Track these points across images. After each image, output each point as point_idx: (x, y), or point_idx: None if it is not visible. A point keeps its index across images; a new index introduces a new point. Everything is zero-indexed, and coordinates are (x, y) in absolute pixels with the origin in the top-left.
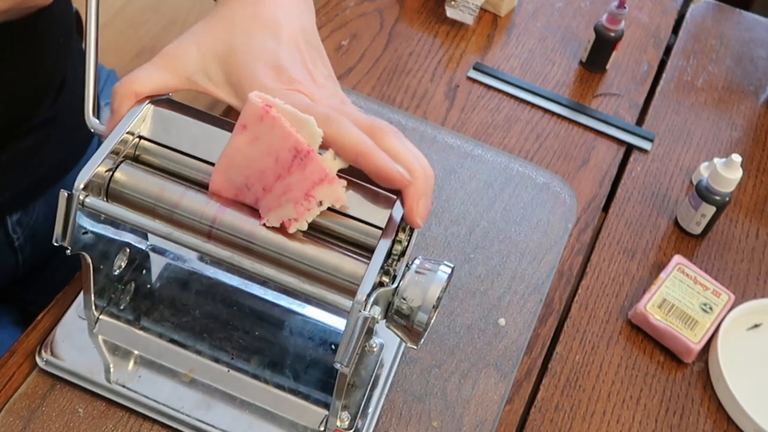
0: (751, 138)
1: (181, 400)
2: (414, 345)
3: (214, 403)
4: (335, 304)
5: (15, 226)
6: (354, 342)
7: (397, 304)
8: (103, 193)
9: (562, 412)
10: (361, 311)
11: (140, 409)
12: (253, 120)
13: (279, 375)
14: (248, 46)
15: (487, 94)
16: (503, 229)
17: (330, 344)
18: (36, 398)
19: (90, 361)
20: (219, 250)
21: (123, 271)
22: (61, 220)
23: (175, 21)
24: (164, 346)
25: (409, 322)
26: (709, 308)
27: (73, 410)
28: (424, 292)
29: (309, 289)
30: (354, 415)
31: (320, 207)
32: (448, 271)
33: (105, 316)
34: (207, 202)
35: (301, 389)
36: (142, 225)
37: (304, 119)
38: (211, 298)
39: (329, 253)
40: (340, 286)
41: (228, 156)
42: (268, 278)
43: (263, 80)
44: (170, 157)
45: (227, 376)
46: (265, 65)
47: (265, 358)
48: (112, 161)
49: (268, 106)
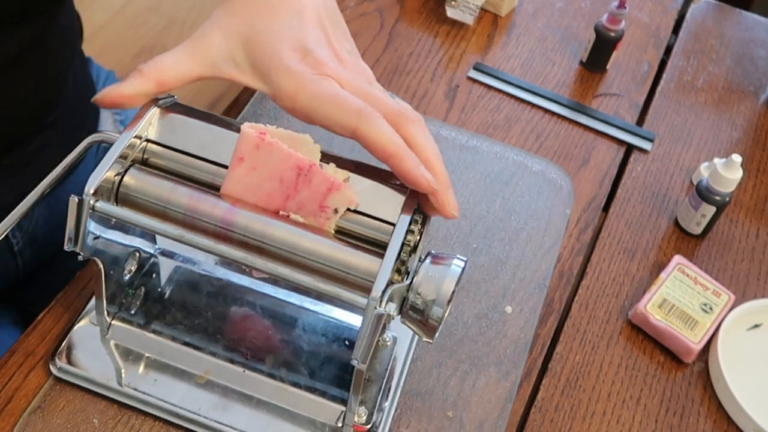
0: (751, 138)
1: (197, 402)
2: (430, 339)
3: (230, 404)
4: (350, 301)
5: (15, 231)
6: (370, 339)
7: (411, 299)
8: (112, 197)
9: (562, 412)
10: (377, 308)
11: (157, 412)
12: (249, 150)
13: (294, 373)
14: (272, 27)
15: (488, 94)
16: (504, 218)
17: (344, 340)
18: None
19: (105, 367)
20: (232, 251)
21: (133, 275)
22: (72, 225)
23: (175, 21)
24: (178, 349)
25: (423, 316)
26: (710, 308)
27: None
28: (439, 286)
29: (324, 287)
30: (371, 410)
31: (337, 214)
32: (461, 264)
33: (117, 321)
34: (217, 203)
35: (317, 386)
36: (153, 228)
37: (300, 138)
38: (223, 299)
39: (342, 250)
40: (355, 284)
41: (228, 189)
42: (283, 278)
43: (289, 63)
44: (178, 160)
45: (243, 376)
46: (291, 47)
47: (279, 357)
48: (120, 165)
49: (262, 134)
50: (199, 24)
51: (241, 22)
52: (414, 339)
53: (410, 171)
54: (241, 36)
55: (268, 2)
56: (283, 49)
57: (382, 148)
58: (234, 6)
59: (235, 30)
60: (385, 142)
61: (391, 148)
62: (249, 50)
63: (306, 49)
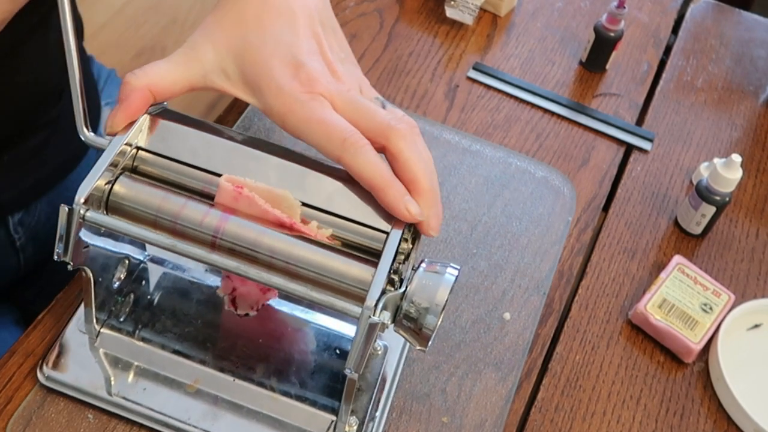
0: (751, 138)
1: (187, 411)
2: (423, 348)
3: (220, 413)
4: (344, 311)
5: (17, 227)
6: (364, 348)
7: (405, 308)
8: (102, 206)
9: (562, 412)
10: (371, 317)
11: (147, 422)
12: (229, 201)
13: (285, 382)
14: (263, 40)
15: (487, 94)
16: (504, 224)
17: (335, 349)
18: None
19: (93, 375)
20: (224, 260)
21: (122, 282)
22: (63, 235)
23: (175, 21)
24: (167, 357)
25: (417, 325)
26: (710, 308)
27: (82, 419)
28: (432, 295)
29: (317, 296)
30: (362, 420)
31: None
32: (455, 273)
33: (105, 329)
34: (209, 211)
35: (307, 395)
36: (144, 237)
37: (280, 194)
38: (213, 307)
39: (336, 259)
40: (348, 293)
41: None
42: (277, 287)
43: (281, 81)
44: (169, 167)
45: (233, 385)
46: (282, 62)
47: (270, 366)
48: (111, 173)
49: (239, 188)
50: (199, 24)
51: (232, 32)
52: (406, 347)
53: (392, 203)
54: (231, 48)
55: (259, 11)
56: (274, 64)
57: (367, 179)
58: (225, 15)
59: (226, 41)
60: (369, 173)
61: (375, 180)
62: (240, 63)
63: (298, 63)
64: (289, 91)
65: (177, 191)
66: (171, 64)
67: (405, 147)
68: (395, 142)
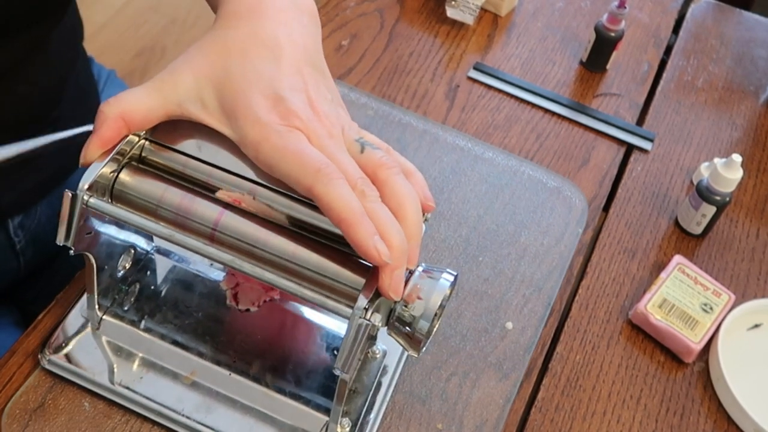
0: (752, 138)
1: (181, 402)
2: (415, 353)
3: (214, 406)
4: (335, 310)
5: (17, 229)
6: (354, 349)
7: (398, 311)
8: (107, 194)
9: (562, 412)
10: (362, 318)
11: (141, 410)
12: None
13: (280, 379)
14: (244, 70)
15: (488, 94)
16: (512, 232)
17: (332, 349)
18: (38, 396)
19: (93, 361)
20: (220, 253)
21: (128, 271)
22: (65, 220)
23: (175, 21)
24: (167, 348)
25: (410, 329)
26: (710, 308)
27: (79, 404)
28: (426, 300)
29: (309, 294)
30: (355, 422)
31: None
32: (450, 279)
33: (108, 316)
34: (210, 204)
35: (302, 394)
36: (143, 226)
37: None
38: (215, 301)
39: (332, 257)
40: (342, 292)
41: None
42: (269, 283)
43: (258, 112)
44: (175, 159)
45: (228, 379)
46: (262, 94)
47: (267, 362)
48: (116, 162)
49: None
50: (200, 24)
51: (215, 61)
52: (405, 352)
53: (360, 241)
54: (212, 77)
55: (243, 42)
56: (253, 96)
57: (336, 212)
58: (210, 44)
59: (207, 70)
60: (340, 207)
61: (345, 213)
62: (219, 92)
63: (278, 97)
64: (266, 121)
65: (181, 183)
66: (146, 92)
67: (392, 175)
68: (383, 171)
